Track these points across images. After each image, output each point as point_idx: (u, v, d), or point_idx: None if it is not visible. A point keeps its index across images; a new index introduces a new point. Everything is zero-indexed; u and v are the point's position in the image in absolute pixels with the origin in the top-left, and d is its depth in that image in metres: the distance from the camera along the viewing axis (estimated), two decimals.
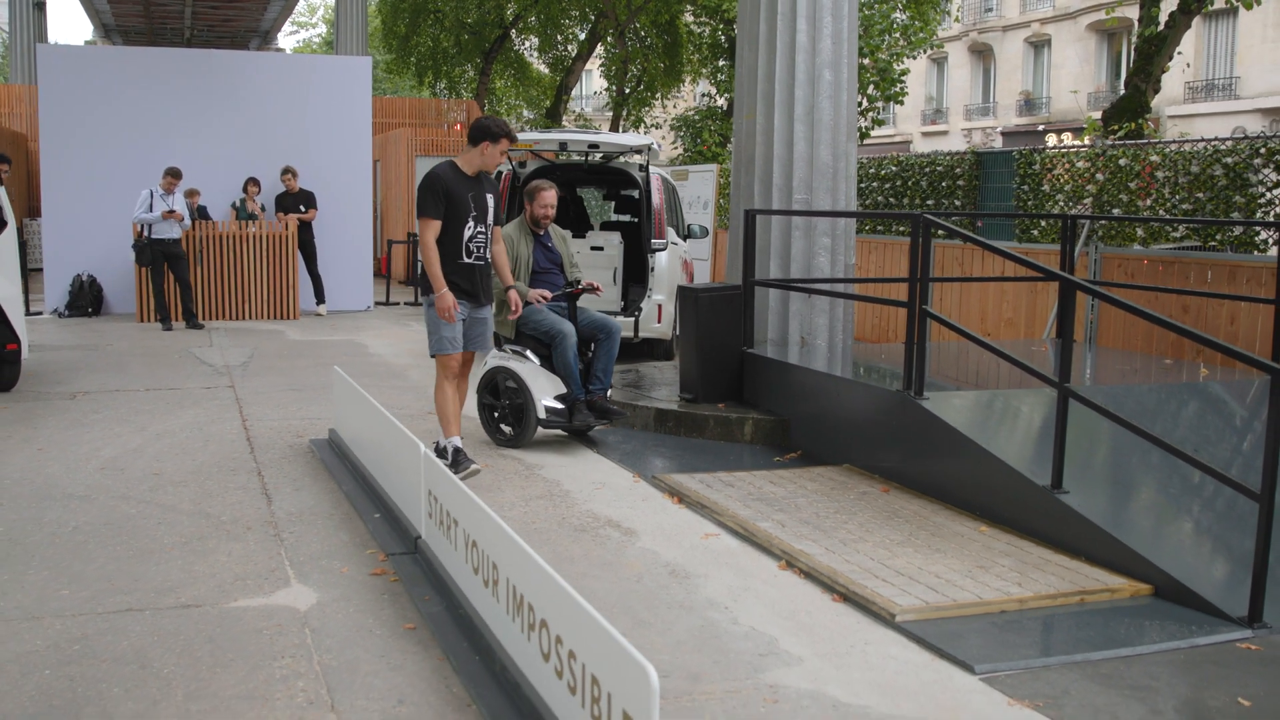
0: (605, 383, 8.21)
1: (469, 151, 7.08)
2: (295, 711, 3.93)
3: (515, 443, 8.10)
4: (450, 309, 6.89)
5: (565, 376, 7.99)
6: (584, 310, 8.34)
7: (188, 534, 5.95)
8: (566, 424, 7.99)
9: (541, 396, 7.97)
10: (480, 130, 7.01)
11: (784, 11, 9.19)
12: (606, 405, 8.17)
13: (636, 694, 3.00)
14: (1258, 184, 9.50)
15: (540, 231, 8.32)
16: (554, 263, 8.36)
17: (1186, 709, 4.16)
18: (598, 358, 8.17)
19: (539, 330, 8.04)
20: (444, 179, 6.94)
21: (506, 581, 4.11)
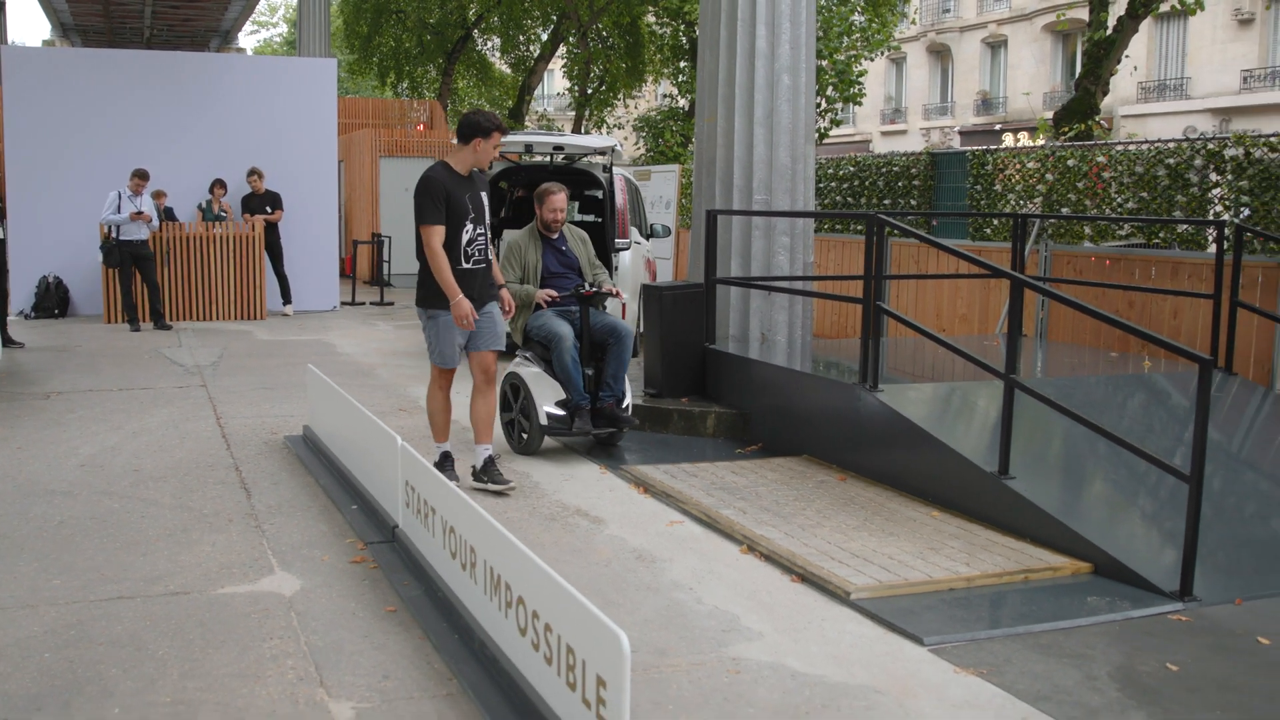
0: (616, 390, 7.90)
1: (460, 150, 6.75)
2: (286, 687, 4.17)
3: (525, 449, 7.95)
4: (468, 315, 6.56)
5: (564, 382, 7.73)
6: (598, 313, 8.03)
7: (171, 526, 6.17)
8: (568, 432, 7.79)
9: (543, 403, 7.76)
10: (470, 126, 6.68)
11: (744, 18, 9.47)
12: (617, 413, 7.86)
13: (609, 660, 3.27)
14: (1198, 184, 9.86)
15: (553, 235, 8.08)
16: (569, 266, 8.07)
17: (1119, 674, 4.47)
18: (607, 363, 7.88)
19: (540, 334, 7.84)
20: (443, 182, 6.61)
21: (484, 563, 4.37)
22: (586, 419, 7.72)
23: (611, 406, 7.84)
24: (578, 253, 8.17)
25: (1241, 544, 6.08)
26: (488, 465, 6.94)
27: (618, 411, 7.86)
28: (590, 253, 8.25)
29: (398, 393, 10.40)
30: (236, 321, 15.92)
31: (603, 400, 7.85)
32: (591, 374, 7.87)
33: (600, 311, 8.06)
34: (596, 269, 8.19)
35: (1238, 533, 6.20)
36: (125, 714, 3.93)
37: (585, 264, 8.17)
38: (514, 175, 12.86)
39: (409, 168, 22.18)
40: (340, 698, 4.10)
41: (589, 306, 7.93)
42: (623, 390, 7.92)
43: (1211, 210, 9.78)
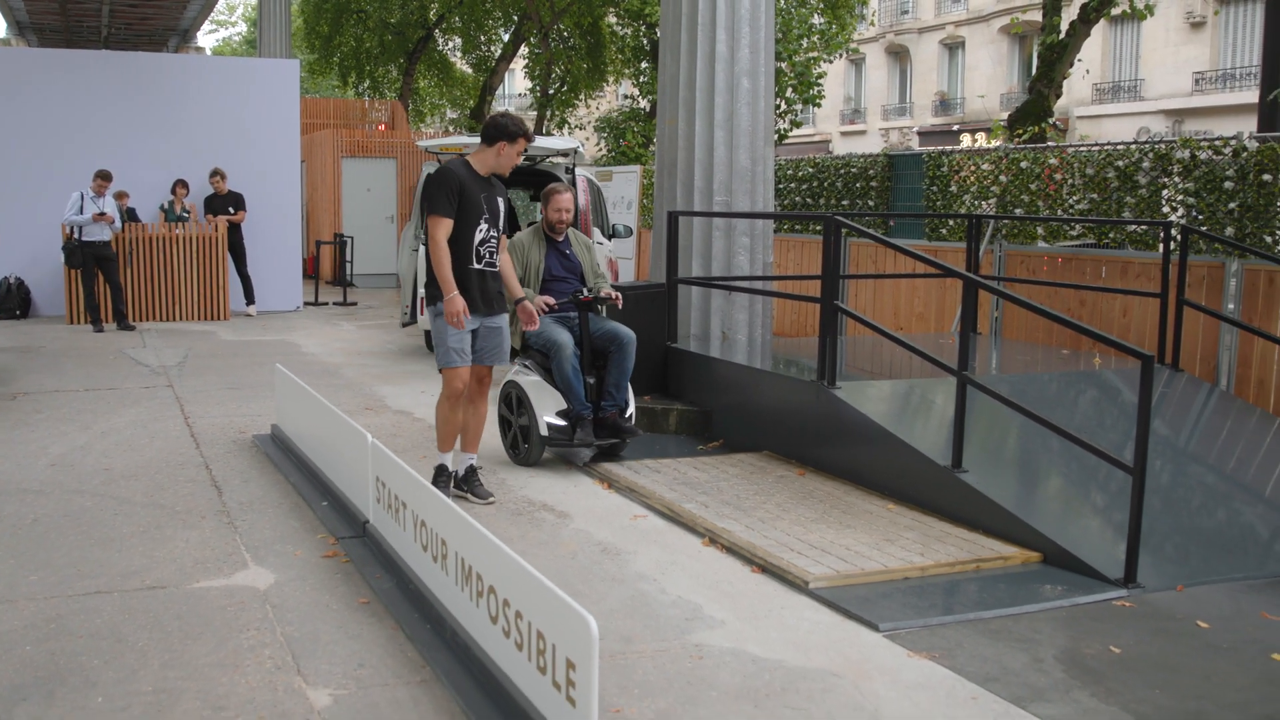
0: (619, 399, 7.68)
1: (483, 151, 6.55)
2: (265, 675, 4.31)
3: (525, 461, 7.74)
4: (460, 314, 6.35)
5: (564, 391, 7.49)
6: (598, 320, 7.79)
7: (145, 523, 6.28)
8: (569, 443, 7.55)
9: (544, 413, 7.53)
10: (497, 129, 6.49)
11: (704, 22, 9.65)
12: (620, 423, 7.63)
13: (578, 643, 3.43)
14: (1146, 185, 10.12)
15: (558, 238, 7.85)
16: (572, 271, 7.84)
17: (1064, 656, 4.68)
18: (609, 371, 7.65)
19: (539, 342, 7.61)
20: (458, 175, 6.41)
21: (455, 555, 4.52)
22: (588, 429, 7.51)
23: (614, 416, 7.64)
24: (581, 258, 7.95)
25: (1185, 534, 6.31)
26: (469, 475, 6.84)
27: (621, 421, 7.66)
28: (594, 259, 8.04)
29: (364, 392, 10.52)
30: (200, 322, 15.96)
31: (605, 410, 7.64)
32: (593, 382, 7.65)
33: (600, 318, 7.83)
34: (599, 276, 7.98)
35: (1182, 523, 6.44)
36: (109, 702, 4.06)
37: (588, 270, 7.95)
38: None
39: (371, 168, 22.27)
40: (318, 685, 4.24)
41: (588, 313, 7.71)
42: (626, 399, 7.73)
43: (1170, 212, 10.03)
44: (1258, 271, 8.97)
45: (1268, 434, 8.02)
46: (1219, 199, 9.39)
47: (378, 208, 22.24)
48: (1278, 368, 8.89)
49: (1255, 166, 9.11)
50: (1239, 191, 9.22)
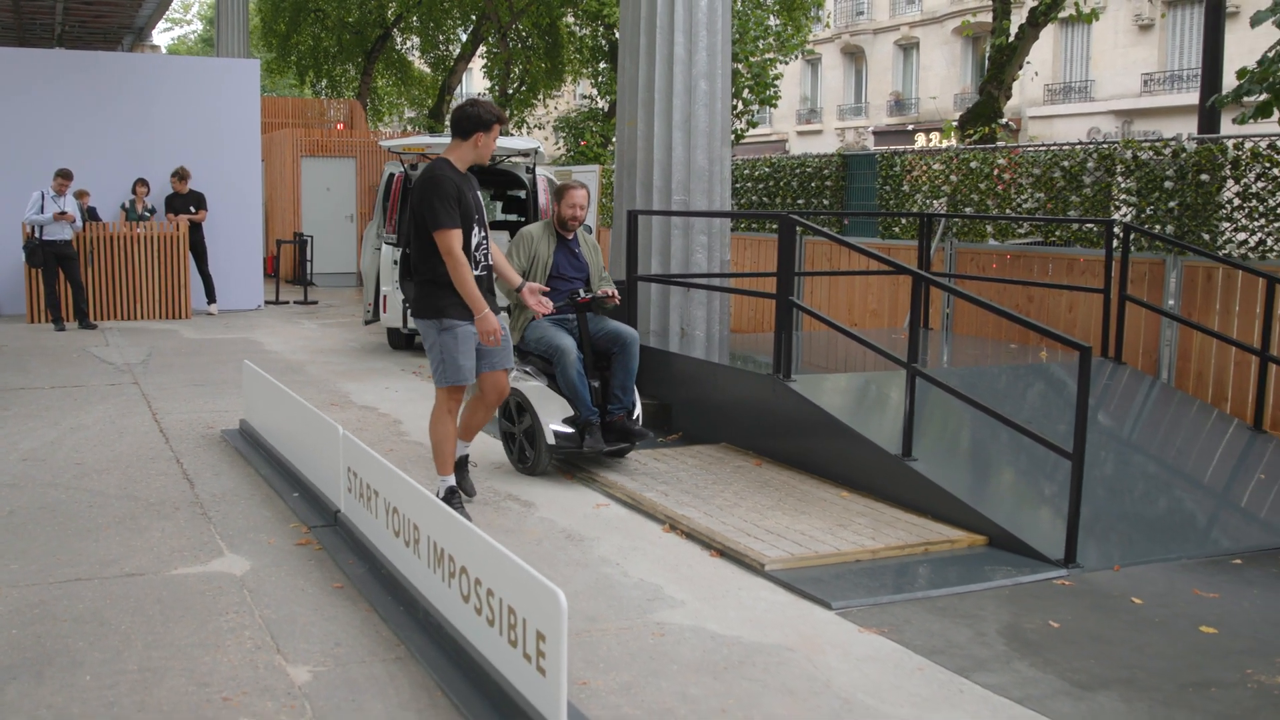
0: (626, 401, 7.44)
1: (459, 146, 6.17)
2: (246, 655, 4.50)
3: (533, 471, 7.47)
4: (498, 330, 6.13)
5: (571, 397, 7.24)
6: (599, 320, 7.56)
7: (120, 515, 6.44)
8: (578, 450, 7.31)
9: (550, 420, 7.28)
10: (470, 120, 6.13)
11: (662, 26, 9.88)
12: (628, 427, 7.39)
13: (548, 615, 3.65)
14: (1091, 185, 10.45)
15: (569, 236, 7.61)
16: (579, 271, 7.58)
17: (1006, 631, 4.95)
18: (614, 373, 7.41)
19: (539, 348, 7.35)
20: (453, 180, 6.05)
21: (427, 538, 4.73)
22: (597, 435, 7.26)
23: (622, 419, 7.40)
24: (590, 260, 7.72)
25: (1125, 518, 6.61)
26: (458, 465, 6.63)
27: (629, 424, 7.41)
28: (600, 262, 7.81)
29: (329, 388, 10.68)
30: (162, 321, 16.03)
31: (612, 413, 7.40)
32: (597, 386, 7.42)
33: (600, 318, 7.58)
34: (604, 280, 7.75)
35: (1122, 508, 6.73)
36: (96, 680, 4.24)
37: (595, 273, 7.73)
38: None
39: (330, 167, 22.36)
40: (297, 662, 4.44)
41: (587, 314, 7.47)
42: (633, 401, 7.50)
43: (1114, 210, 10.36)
44: (1196, 268, 9.31)
45: (1205, 424, 8.35)
46: (1160, 198, 9.72)
47: (337, 207, 22.33)
48: (1215, 361, 9.22)
49: (1194, 167, 9.44)
50: (1179, 191, 9.55)
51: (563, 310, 7.35)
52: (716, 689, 4.27)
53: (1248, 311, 8.97)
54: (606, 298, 7.44)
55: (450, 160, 6.17)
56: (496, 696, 3.98)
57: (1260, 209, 9.00)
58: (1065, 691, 4.34)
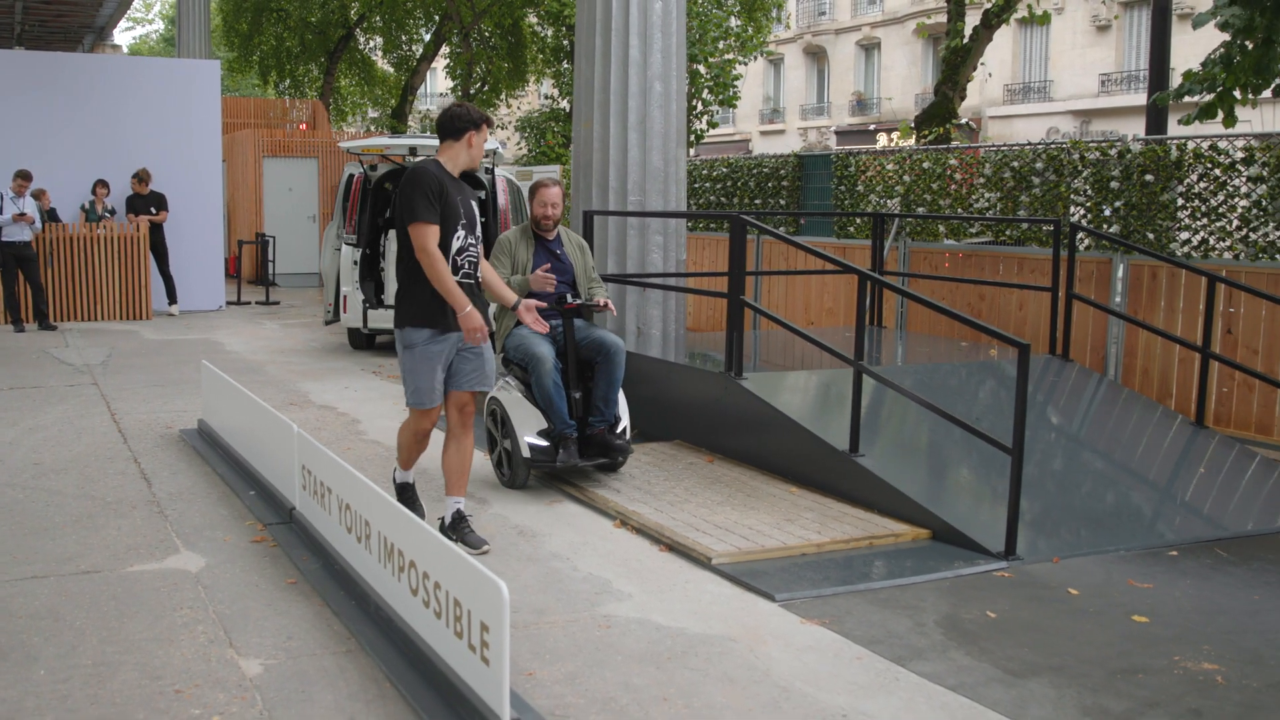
0: (608, 414, 7.12)
1: (451, 147, 5.90)
2: (199, 649, 4.59)
3: (511, 484, 7.19)
4: (482, 328, 5.74)
5: (545, 409, 6.94)
6: (585, 328, 7.24)
7: (77, 513, 6.50)
8: (553, 464, 6.96)
9: (525, 433, 6.96)
10: (460, 119, 5.87)
11: (618, 28, 9.98)
12: (609, 440, 7.06)
13: (491, 606, 3.76)
14: (1040, 185, 10.64)
15: (547, 236, 7.29)
16: (563, 274, 7.23)
17: (944, 621, 5.09)
18: (596, 384, 7.09)
19: (517, 355, 7.05)
20: (437, 177, 5.76)
21: (378, 534, 4.82)
22: (572, 449, 6.94)
23: (603, 433, 7.07)
24: (574, 260, 7.39)
25: (1067, 511, 6.76)
26: (457, 522, 6.03)
27: (610, 438, 7.07)
28: (589, 263, 7.50)
29: (288, 388, 10.74)
30: (122, 321, 16.02)
31: (593, 426, 7.08)
32: (580, 397, 7.11)
33: (588, 325, 7.28)
34: (593, 282, 7.44)
35: (1065, 501, 6.89)
36: (50, 675, 4.31)
37: (581, 274, 7.39)
38: (399, 177, 13.23)
39: (292, 168, 22.36)
40: (249, 656, 4.53)
41: (573, 320, 7.14)
42: (616, 414, 7.18)
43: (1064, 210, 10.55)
44: (1142, 267, 9.51)
45: (1149, 420, 8.52)
46: (1106, 198, 9.91)
47: (300, 207, 22.34)
48: (1161, 358, 9.43)
49: (1139, 168, 9.64)
50: (1124, 191, 9.74)
51: (547, 316, 6.95)
52: (659, 678, 4.38)
53: (1191, 309, 9.18)
54: (595, 306, 7.19)
55: (440, 162, 5.89)
56: (443, 686, 4.08)
57: (1202, 209, 9.20)
58: (998, 679, 4.48)
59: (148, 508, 6.65)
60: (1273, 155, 8.77)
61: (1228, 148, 9.02)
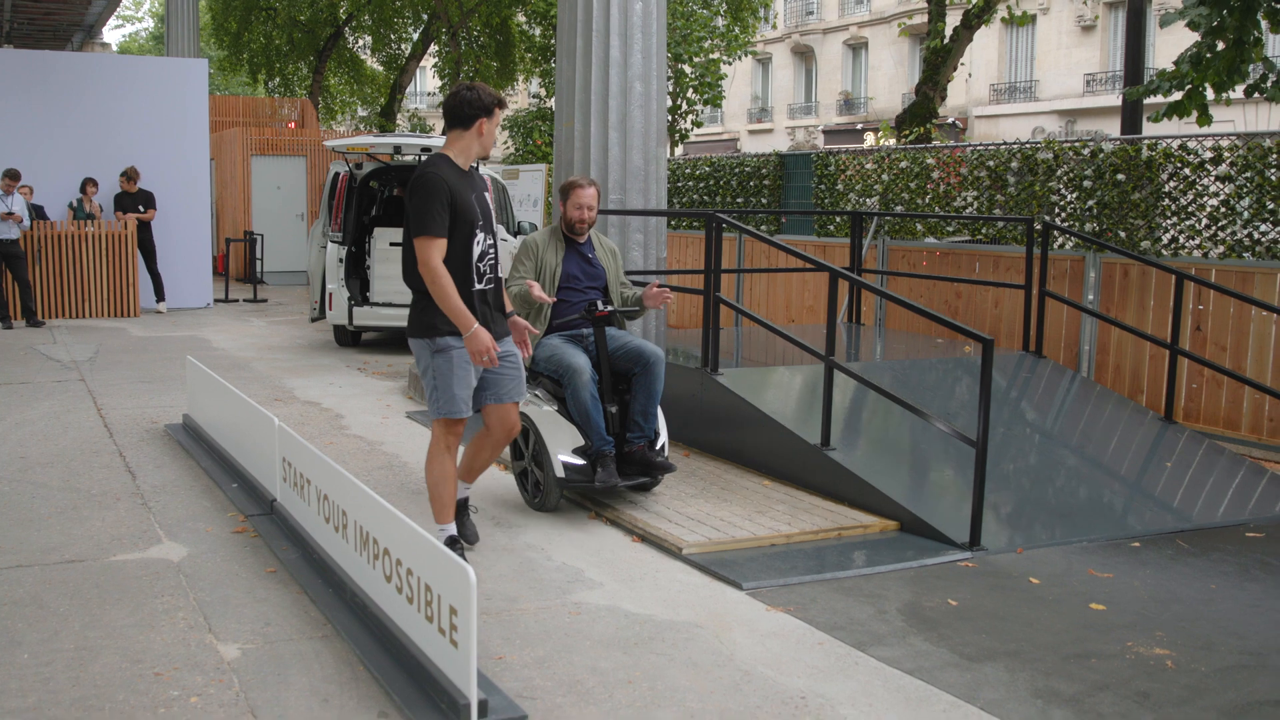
0: (647, 429, 6.58)
1: (461, 137, 5.40)
2: (179, 634, 4.72)
3: (541, 506, 6.66)
4: (490, 349, 5.25)
5: (581, 424, 6.42)
6: (620, 336, 6.69)
7: (62, 505, 6.62)
8: (590, 484, 6.44)
9: (559, 451, 6.44)
10: (471, 105, 5.36)
11: (598, 29, 10.11)
12: (649, 458, 6.51)
13: (459, 591, 3.89)
14: (1014, 184, 10.80)
15: (579, 239, 6.79)
16: (595, 279, 6.78)
17: (906, 609, 5.23)
18: (634, 397, 6.55)
19: (549, 367, 6.53)
20: (448, 182, 5.27)
21: (355, 524, 4.95)
22: (610, 468, 6.40)
23: (642, 449, 6.53)
24: (606, 265, 6.89)
25: (1034, 503, 6.92)
26: (458, 509, 5.88)
27: (650, 455, 6.53)
28: (620, 268, 7.00)
29: (273, 384, 10.86)
30: (110, 319, 16.12)
31: (631, 442, 6.54)
32: (615, 411, 6.59)
33: (623, 334, 6.74)
34: (625, 289, 6.94)
35: (1031, 494, 7.05)
36: (33, 658, 4.44)
37: (613, 280, 6.89)
38: (384, 175, 13.38)
39: (280, 166, 22.46)
40: (227, 641, 4.66)
41: (605, 328, 6.62)
42: (655, 429, 6.65)
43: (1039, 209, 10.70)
44: (1114, 265, 9.67)
45: (1118, 415, 8.67)
46: (1079, 197, 10.07)
47: (288, 205, 22.45)
48: (1132, 354, 9.58)
49: (1110, 167, 9.79)
50: (1097, 190, 9.90)
51: (577, 325, 6.64)
52: (625, 662, 4.52)
53: (1162, 306, 9.33)
54: (633, 310, 6.73)
55: (450, 156, 5.40)
56: (414, 668, 4.21)
57: (1172, 208, 9.35)
58: (954, 663, 4.63)
59: (131, 500, 6.77)
60: (1239, 156, 8.92)
61: (1196, 148, 9.17)
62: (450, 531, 5.54)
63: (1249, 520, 6.94)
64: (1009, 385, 8.92)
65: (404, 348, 13.44)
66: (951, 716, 4.14)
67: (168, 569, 5.54)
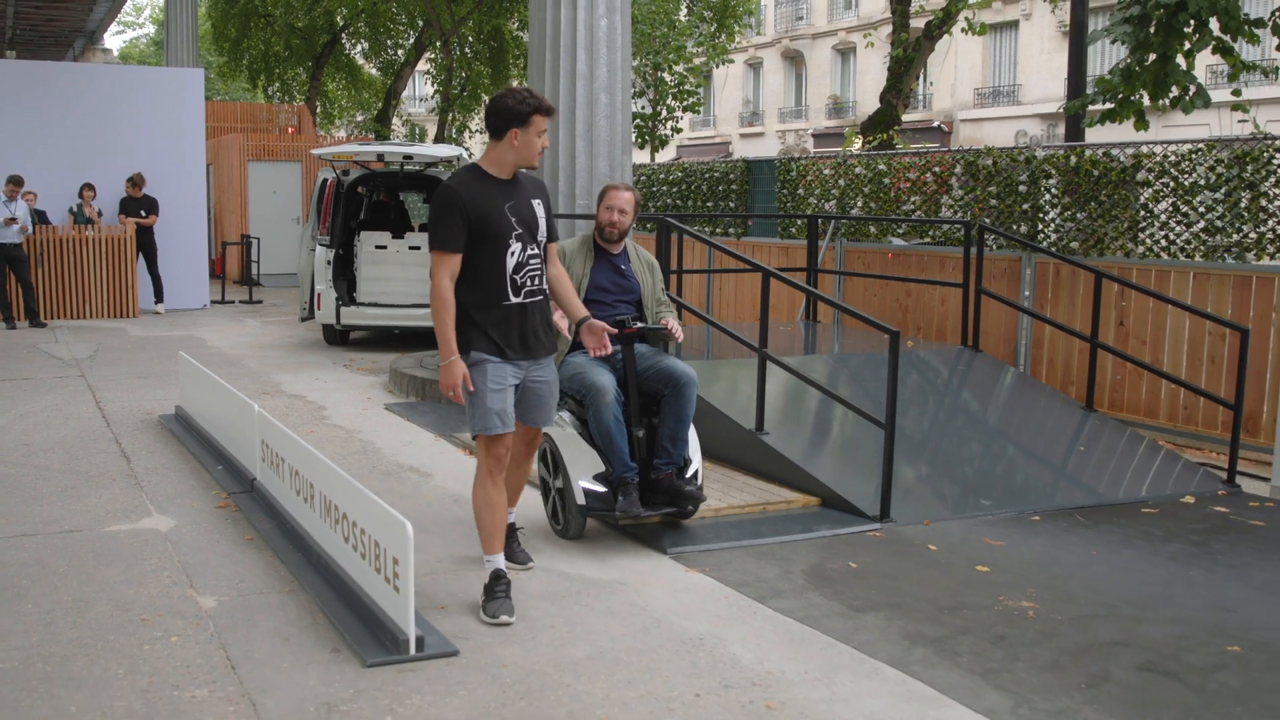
0: (676, 455, 6.18)
1: (495, 147, 5.15)
2: (164, 589, 5.39)
3: (565, 534, 6.33)
4: (456, 387, 5.05)
5: (603, 448, 6.05)
6: (650, 356, 6.29)
7: (62, 485, 7.30)
8: (611, 513, 6.07)
9: (579, 476, 6.10)
10: (503, 114, 5.07)
11: (565, 44, 10.79)
12: (677, 486, 6.14)
13: (399, 542, 4.56)
14: (959, 188, 11.47)
15: (613, 249, 6.39)
16: (626, 292, 6.36)
17: (810, 570, 5.90)
18: (664, 420, 6.15)
19: (573, 386, 6.15)
20: (463, 193, 5.06)
21: (320, 494, 5.63)
22: (633, 496, 6.04)
23: (670, 477, 6.16)
24: (642, 279, 6.46)
25: (949, 482, 7.58)
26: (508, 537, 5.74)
27: (679, 484, 6.16)
28: (658, 283, 6.56)
29: (262, 379, 11.54)
30: (110, 319, 16.80)
31: (658, 470, 6.17)
32: (643, 435, 6.23)
33: (655, 353, 6.35)
34: (661, 305, 6.50)
35: (949, 473, 7.71)
36: (36, 608, 5.11)
37: (648, 295, 6.46)
38: (370, 181, 14.08)
39: (277, 171, 23.16)
40: (206, 594, 5.33)
41: (633, 346, 6.20)
42: (684, 454, 6.26)
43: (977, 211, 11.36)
44: (1047, 264, 10.33)
45: (1042, 403, 9.32)
46: (1015, 201, 10.74)
47: (284, 209, 23.14)
48: (1063, 349, 10.24)
49: (1042, 174, 10.46)
50: (1030, 194, 10.57)
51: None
52: (551, 611, 5.19)
53: (1090, 303, 9.98)
54: (664, 331, 6.21)
55: (481, 166, 5.21)
56: (364, 614, 4.89)
57: (1097, 210, 10.01)
58: (840, 613, 5.29)
59: (125, 480, 7.45)
60: (1156, 162, 9.59)
61: (1119, 154, 9.83)
62: (496, 565, 5.21)
63: (1147, 498, 7.61)
64: (950, 375, 9.57)
65: (389, 346, 14.14)
66: (826, 654, 4.81)
67: (156, 538, 6.22)
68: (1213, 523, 7.09)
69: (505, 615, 5.04)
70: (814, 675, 4.57)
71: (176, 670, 4.47)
